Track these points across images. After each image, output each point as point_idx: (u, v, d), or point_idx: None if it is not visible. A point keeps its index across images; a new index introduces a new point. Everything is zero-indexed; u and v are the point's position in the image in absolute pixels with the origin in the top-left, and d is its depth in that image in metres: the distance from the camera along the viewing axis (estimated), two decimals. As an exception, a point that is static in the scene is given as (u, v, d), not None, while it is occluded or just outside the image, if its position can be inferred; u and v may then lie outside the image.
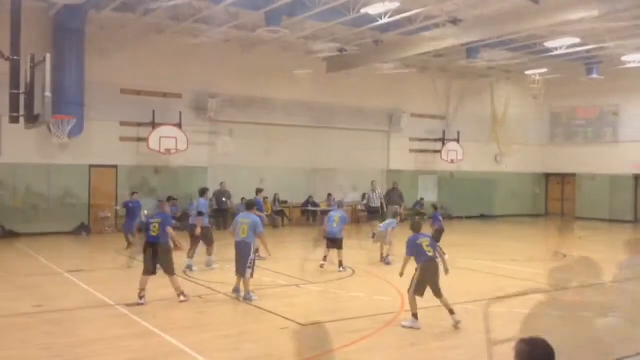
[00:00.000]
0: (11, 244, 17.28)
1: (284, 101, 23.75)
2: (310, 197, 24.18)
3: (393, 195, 25.62)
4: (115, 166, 20.59)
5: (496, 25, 18.24)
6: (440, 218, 15.57)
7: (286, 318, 8.77)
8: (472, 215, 28.83)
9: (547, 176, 31.83)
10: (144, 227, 9.99)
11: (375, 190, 22.29)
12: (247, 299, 9.88)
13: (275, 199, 23.61)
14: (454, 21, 18.52)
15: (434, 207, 16.96)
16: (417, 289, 8.45)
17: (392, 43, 21.36)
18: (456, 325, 8.39)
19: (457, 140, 27.60)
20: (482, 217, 29.07)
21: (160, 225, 9.75)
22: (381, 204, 21.12)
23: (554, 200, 31.77)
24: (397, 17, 18.22)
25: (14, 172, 18.72)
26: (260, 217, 11.16)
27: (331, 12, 17.97)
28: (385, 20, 18.28)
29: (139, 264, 13.50)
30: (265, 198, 22.84)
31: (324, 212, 24.50)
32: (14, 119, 10.73)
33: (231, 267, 11.68)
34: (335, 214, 13.44)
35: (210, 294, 10.60)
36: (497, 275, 13.03)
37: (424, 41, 20.01)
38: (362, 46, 22.63)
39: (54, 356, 7.00)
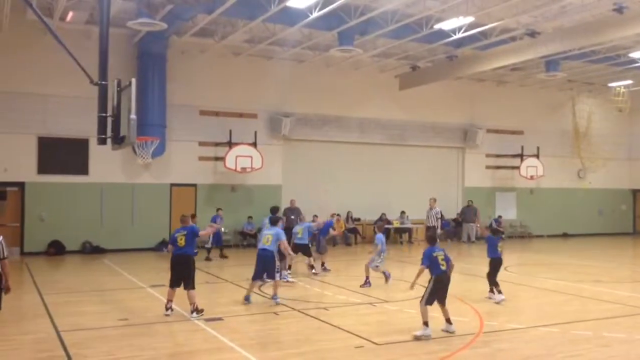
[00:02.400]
0: (98, 259, 18.16)
1: (357, 119, 23.85)
2: (383, 214, 24.01)
3: (468, 213, 25.05)
4: (194, 185, 21.29)
5: (577, 37, 17.58)
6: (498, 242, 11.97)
7: (361, 337, 8.69)
8: (554, 234, 27.68)
9: (635, 192, 30.12)
10: (171, 241, 10.50)
11: (434, 208, 21.75)
12: (275, 299, 11.13)
13: (349, 216, 23.61)
14: (532, 34, 18.02)
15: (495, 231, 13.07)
16: (429, 300, 8.91)
17: (467, 58, 21.03)
18: (448, 331, 8.95)
19: (537, 156, 26.67)
20: (565, 235, 27.84)
21: (187, 237, 10.17)
22: (441, 223, 20.53)
23: (643, 218, 30.00)
24: (472, 31, 17.96)
25: (101, 191, 19.73)
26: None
27: (404, 29, 17.97)
28: (459, 35, 18.06)
29: (216, 280, 13.89)
30: (338, 215, 22.91)
31: (398, 230, 24.33)
32: (102, 141, 11.32)
33: (306, 282, 11.75)
34: None
35: (285, 310, 10.68)
36: (582, 297, 12.38)
37: (500, 55, 19.57)
38: (436, 62, 22.42)
39: (137, 368, 7.25)
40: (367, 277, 13.15)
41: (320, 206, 21.56)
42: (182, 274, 10.08)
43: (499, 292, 11.55)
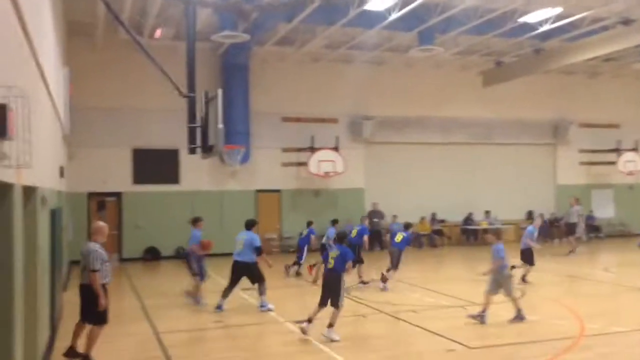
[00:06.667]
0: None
1: (440, 119, 23.39)
2: (470, 214, 23.41)
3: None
4: (278, 191, 21.66)
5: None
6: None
7: (453, 340, 8.48)
8: (657, 232, 25.90)
9: None
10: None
11: (574, 206, 21.19)
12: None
13: (434, 218, 23.20)
14: (626, 22, 17.01)
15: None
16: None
17: (555, 50, 20.14)
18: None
19: (636, 150, 25.10)
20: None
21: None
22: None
23: None
24: (560, 23, 17.20)
25: (192, 199, 20.47)
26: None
27: (486, 24, 17.48)
28: (546, 27, 17.36)
29: (304, 285, 14.03)
30: (422, 218, 22.61)
31: (485, 231, 23.56)
32: (192, 151, 11.77)
33: (392, 285, 11.60)
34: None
35: (373, 313, 10.62)
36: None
37: (592, 46, 18.58)
38: (522, 56, 21.65)
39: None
40: (484, 310, 9.60)
41: (404, 209, 21.39)
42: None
43: None
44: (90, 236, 8.00)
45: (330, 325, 8.56)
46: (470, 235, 23.48)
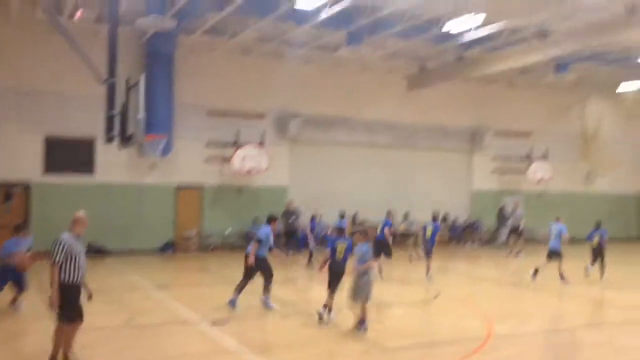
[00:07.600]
0: (103, 260, 18.05)
1: (365, 120, 23.65)
2: (389, 210, 23.80)
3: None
4: (201, 186, 21.15)
5: (588, 38, 17.39)
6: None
7: (369, 340, 8.54)
8: (562, 238, 27.39)
9: (646, 197, 29.83)
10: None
11: (517, 211, 22.11)
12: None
13: (355, 218, 23.44)
14: (543, 34, 17.86)
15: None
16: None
17: (476, 59, 20.87)
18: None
19: (545, 159, 26.46)
20: (573, 240, 27.51)
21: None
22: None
23: (652, 223, 29.68)
24: (482, 34, 17.80)
25: (107, 192, 19.59)
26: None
27: (413, 29, 17.85)
28: (469, 36, 17.92)
29: (219, 283, 13.78)
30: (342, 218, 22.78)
31: (403, 236, 24.01)
32: (109, 140, 11.28)
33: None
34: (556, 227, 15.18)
35: (292, 313, 10.53)
36: (594, 302, 12.20)
37: (510, 57, 19.40)
38: (444, 63, 22.28)
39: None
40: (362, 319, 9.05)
41: (327, 208, 21.43)
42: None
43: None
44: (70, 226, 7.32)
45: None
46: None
